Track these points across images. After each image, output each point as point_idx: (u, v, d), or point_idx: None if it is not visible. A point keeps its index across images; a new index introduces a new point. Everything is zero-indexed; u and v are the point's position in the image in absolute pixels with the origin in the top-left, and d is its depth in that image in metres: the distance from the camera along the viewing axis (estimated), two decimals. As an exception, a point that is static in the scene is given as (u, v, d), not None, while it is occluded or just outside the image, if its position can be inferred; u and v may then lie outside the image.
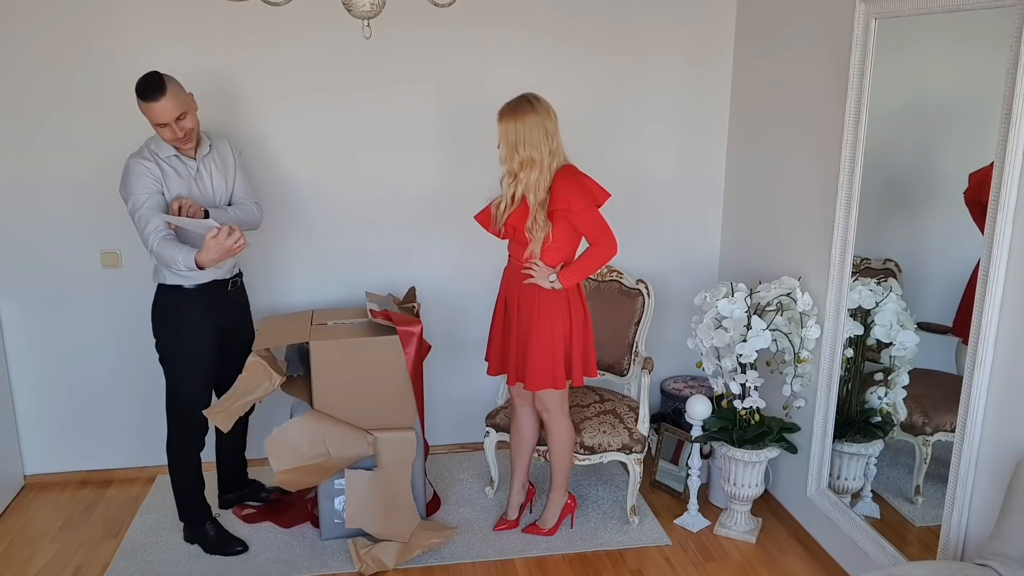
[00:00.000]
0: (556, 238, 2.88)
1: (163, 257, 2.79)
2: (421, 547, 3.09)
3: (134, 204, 2.83)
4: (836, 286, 2.91)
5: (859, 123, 2.72)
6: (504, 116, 2.81)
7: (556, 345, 2.97)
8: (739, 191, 3.75)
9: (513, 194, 2.87)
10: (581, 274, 2.92)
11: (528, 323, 2.97)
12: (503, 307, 3.09)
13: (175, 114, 2.79)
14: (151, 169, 2.85)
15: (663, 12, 3.62)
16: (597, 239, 2.87)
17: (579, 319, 3.00)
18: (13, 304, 3.50)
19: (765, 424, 3.16)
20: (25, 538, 3.29)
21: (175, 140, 2.86)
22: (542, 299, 2.94)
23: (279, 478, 3.00)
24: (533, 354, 2.97)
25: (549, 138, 2.79)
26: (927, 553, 2.56)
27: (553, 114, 2.82)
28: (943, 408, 2.53)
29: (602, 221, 2.88)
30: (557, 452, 3.18)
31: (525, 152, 2.79)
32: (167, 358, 3.05)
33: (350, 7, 2.21)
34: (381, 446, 3.07)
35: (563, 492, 3.27)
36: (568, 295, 2.96)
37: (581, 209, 2.82)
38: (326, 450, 3.01)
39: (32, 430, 3.65)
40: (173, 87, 2.79)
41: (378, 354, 3.06)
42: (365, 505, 3.08)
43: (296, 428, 3.00)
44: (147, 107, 2.77)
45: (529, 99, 2.82)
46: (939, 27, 2.46)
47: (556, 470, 3.22)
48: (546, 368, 2.98)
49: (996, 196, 2.15)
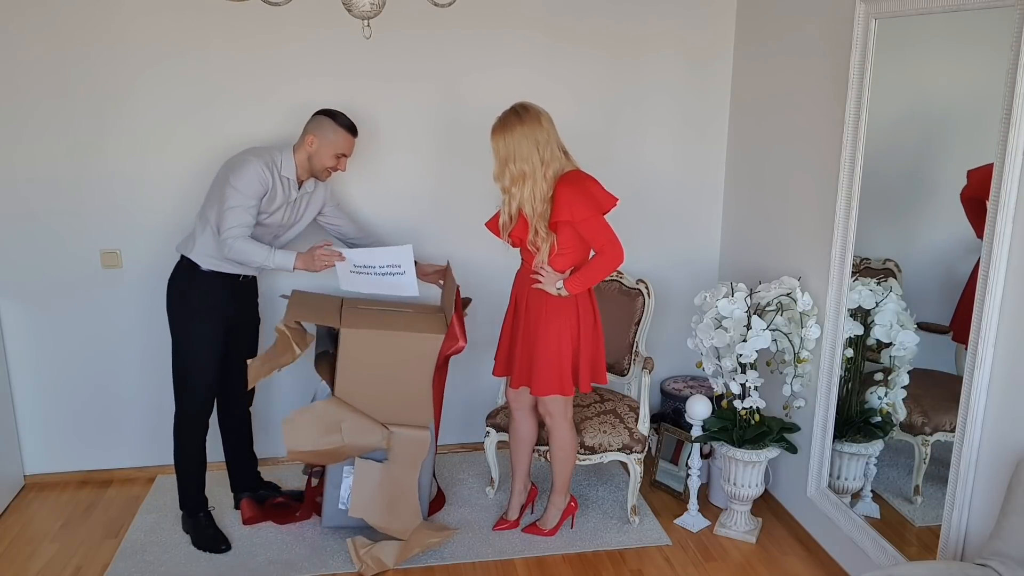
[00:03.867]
0: (563, 245, 2.86)
1: (241, 251, 2.94)
2: (421, 546, 3.09)
3: (236, 201, 2.92)
4: (836, 286, 2.91)
5: (859, 123, 2.72)
6: (494, 132, 2.79)
7: (564, 351, 2.94)
8: (739, 191, 3.75)
9: (510, 211, 2.86)
10: (587, 282, 2.89)
11: (535, 327, 2.96)
12: (513, 308, 3.08)
13: (351, 151, 3.12)
14: (265, 179, 2.97)
15: (663, 13, 3.62)
16: (603, 248, 2.83)
17: (588, 325, 2.97)
18: (13, 304, 3.50)
19: (765, 424, 3.16)
20: (25, 538, 3.29)
21: (332, 171, 3.11)
22: (551, 303, 2.92)
23: (291, 455, 3.03)
24: (540, 359, 2.95)
25: (540, 148, 2.74)
26: (927, 553, 2.56)
27: (545, 122, 2.77)
28: (943, 408, 2.53)
29: (607, 230, 2.83)
30: (558, 457, 3.17)
31: (516, 167, 2.76)
32: (177, 326, 3.10)
33: (350, 7, 2.21)
34: (395, 441, 3.08)
35: (564, 496, 3.26)
36: (577, 300, 2.93)
37: (585, 219, 2.78)
38: (340, 437, 3.02)
39: (32, 430, 3.64)
40: None
41: (409, 351, 3.04)
42: (371, 496, 3.08)
43: (314, 413, 3.01)
44: (344, 138, 3.05)
45: (517, 110, 2.78)
46: (939, 27, 2.46)
47: (557, 475, 3.21)
48: (553, 374, 2.96)
49: (996, 196, 2.15)
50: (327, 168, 3.08)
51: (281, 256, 2.99)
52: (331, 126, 3.03)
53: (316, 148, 3.03)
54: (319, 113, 3.07)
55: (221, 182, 2.99)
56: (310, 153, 3.04)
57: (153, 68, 3.33)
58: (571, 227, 2.83)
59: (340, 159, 3.09)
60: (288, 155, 3.05)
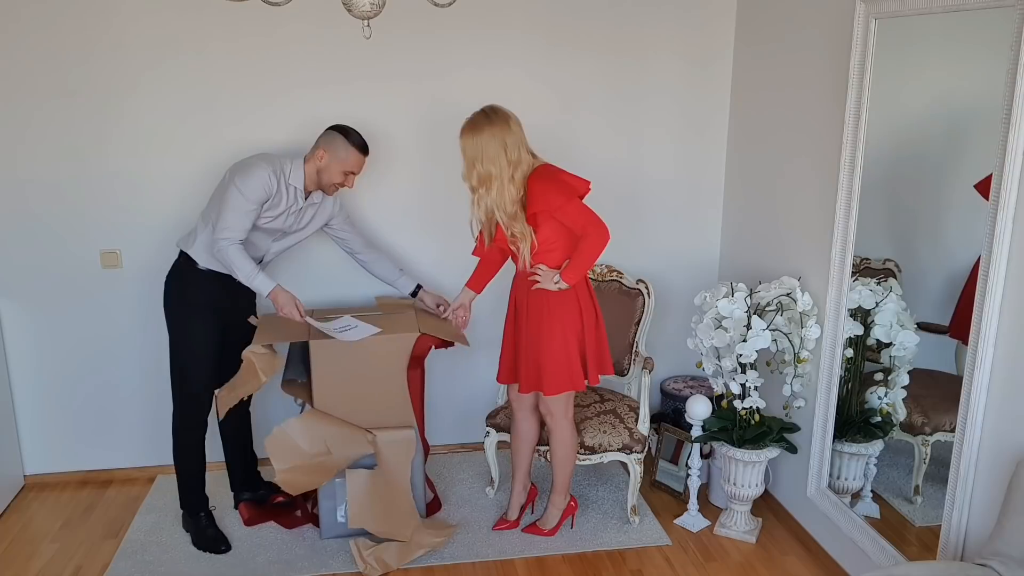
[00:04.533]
0: (547, 239, 2.87)
1: (228, 259, 2.94)
2: (423, 546, 3.09)
3: (237, 203, 2.93)
4: (836, 286, 2.91)
5: (859, 123, 2.72)
6: (462, 132, 2.81)
7: (570, 347, 2.95)
8: (739, 191, 3.75)
9: (480, 214, 2.88)
10: (581, 268, 2.88)
11: (539, 328, 2.95)
12: (513, 314, 3.08)
13: (361, 170, 3.12)
14: (270, 186, 2.97)
15: (663, 13, 3.61)
16: (585, 229, 2.81)
17: (590, 317, 2.99)
18: (13, 304, 3.50)
19: (765, 424, 3.16)
20: (25, 538, 3.29)
21: (339, 187, 3.11)
22: (552, 302, 2.92)
23: (281, 477, 3.01)
24: (548, 359, 2.95)
25: (508, 150, 2.76)
26: (927, 553, 2.56)
27: (514, 125, 2.79)
28: (943, 408, 2.52)
29: (585, 211, 2.82)
30: (559, 457, 3.17)
31: (483, 168, 2.77)
32: (174, 323, 3.11)
33: (350, 7, 2.21)
34: (381, 444, 3.08)
35: (564, 496, 3.26)
36: (577, 294, 2.94)
37: (560, 205, 2.79)
38: (326, 448, 3.02)
39: (32, 430, 3.65)
40: None
41: (379, 353, 3.05)
42: (366, 504, 3.08)
43: (297, 427, 3.01)
44: (355, 157, 3.05)
45: (486, 112, 2.80)
46: (939, 27, 2.46)
47: (557, 474, 3.21)
48: (562, 371, 2.96)
49: (996, 196, 2.14)
50: (334, 184, 3.09)
51: (261, 281, 2.98)
52: (343, 144, 3.03)
53: (326, 163, 3.04)
54: (333, 129, 3.07)
55: (227, 182, 3.00)
56: (319, 167, 3.05)
57: (154, 69, 3.33)
58: (552, 219, 2.83)
59: (348, 176, 3.09)
60: (298, 165, 3.06)
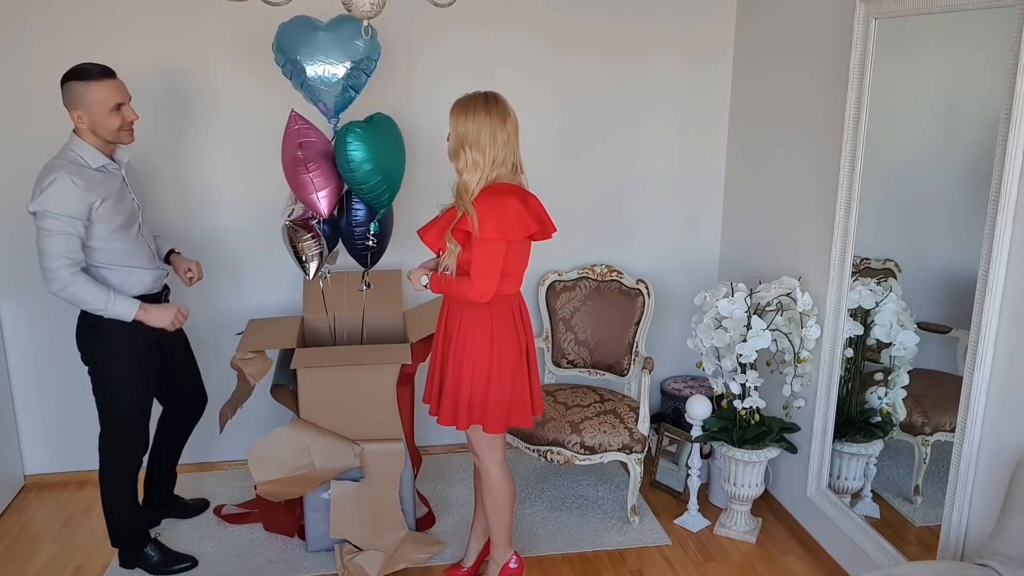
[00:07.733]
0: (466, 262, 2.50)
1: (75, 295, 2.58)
2: (406, 561, 3.00)
3: (52, 226, 2.54)
4: (836, 286, 2.91)
5: (859, 123, 2.72)
6: (453, 110, 2.49)
7: (475, 380, 2.55)
8: (739, 191, 3.75)
9: None
10: (443, 288, 2.56)
11: (447, 346, 2.61)
12: (443, 333, 2.68)
13: (127, 95, 2.63)
14: (78, 186, 2.56)
15: (663, 12, 3.62)
16: (472, 275, 2.46)
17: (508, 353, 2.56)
18: (13, 304, 3.50)
19: (765, 424, 3.16)
20: (25, 538, 3.29)
21: (128, 125, 2.66)
22: (464, 323, 2.56)
23: (261, 489, 2.90)
24: (448, 383, 2.60)
25: (496, 146, 2.43)
26: (927, 553, 2.56)
27: (511, 121, 2.47)
28: (943, 408, 2.52)
29: (488, 261, 2.45)
30: (488, 507, 2.75)
31: (468, 155, 2.45)
32: (99, 374, 2.81)
33: (350, 7, 2.20)
34: (368, 457, 2.94)
35: (504, 551, 2.80)
36: (493, 331, 2.54)
37: (479, 238, 2.43)
38: (311, 461, 2.89)
39: (32, 430, 3.65)
40: None
41: (368, 383, 2.92)
42: (351, 516, 2.97)
43: (280, 438, 2.88)
44: (102, 88, 2.57)
45: (486, 97, 2.47)
46: (939, 27, 2.46)
47: (491, 527, 2.78)
48: (448, 402, 2.60)
49: (996, 196, 2.15)
50: (117, 127, 2.64)
51: (121, 305, 2.63)
52: (81, 87, 2.56)
53: (89, 117, 2.60)
54: (62, 83, 2.60)
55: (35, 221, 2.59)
56: (89, 126, 2.61)
57: (150, 69, 3.33)
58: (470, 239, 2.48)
59: (121, 110, 2.63)
60: (79, 144, 2.63)
